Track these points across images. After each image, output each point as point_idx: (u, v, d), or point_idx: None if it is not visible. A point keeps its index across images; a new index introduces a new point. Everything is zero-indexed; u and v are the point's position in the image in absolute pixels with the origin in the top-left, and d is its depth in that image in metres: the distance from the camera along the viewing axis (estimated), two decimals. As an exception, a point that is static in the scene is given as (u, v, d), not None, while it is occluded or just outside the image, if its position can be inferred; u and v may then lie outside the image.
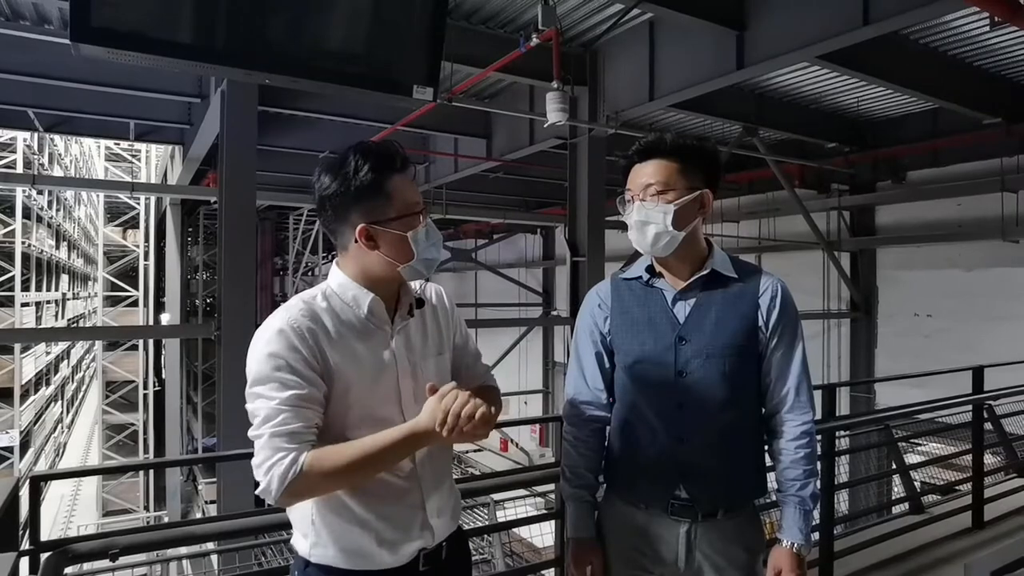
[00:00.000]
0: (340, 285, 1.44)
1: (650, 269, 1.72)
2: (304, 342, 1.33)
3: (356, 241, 1.39)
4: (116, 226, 19.29)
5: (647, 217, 1.62)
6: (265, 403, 1.30)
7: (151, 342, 16.85)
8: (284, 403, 1.29)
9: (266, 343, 1.33)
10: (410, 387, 1.44)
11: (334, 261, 1.50)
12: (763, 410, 1.71)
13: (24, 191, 14.89)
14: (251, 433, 1.32)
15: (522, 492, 6.09)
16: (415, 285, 1.53)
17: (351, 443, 1.32)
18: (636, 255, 1.75)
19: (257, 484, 1.30)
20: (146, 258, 17.30)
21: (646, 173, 1.64)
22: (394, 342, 1.45)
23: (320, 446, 1.31)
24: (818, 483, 1.66)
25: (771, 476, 1.74)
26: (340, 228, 1.41)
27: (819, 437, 3.43)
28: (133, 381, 17.00)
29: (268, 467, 1.27)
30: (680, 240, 1.62)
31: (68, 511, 17.18)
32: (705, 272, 1.66)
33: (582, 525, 1.75)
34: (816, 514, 1.70)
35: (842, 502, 4.46)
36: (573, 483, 1.76)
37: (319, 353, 1.35)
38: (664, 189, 1.62)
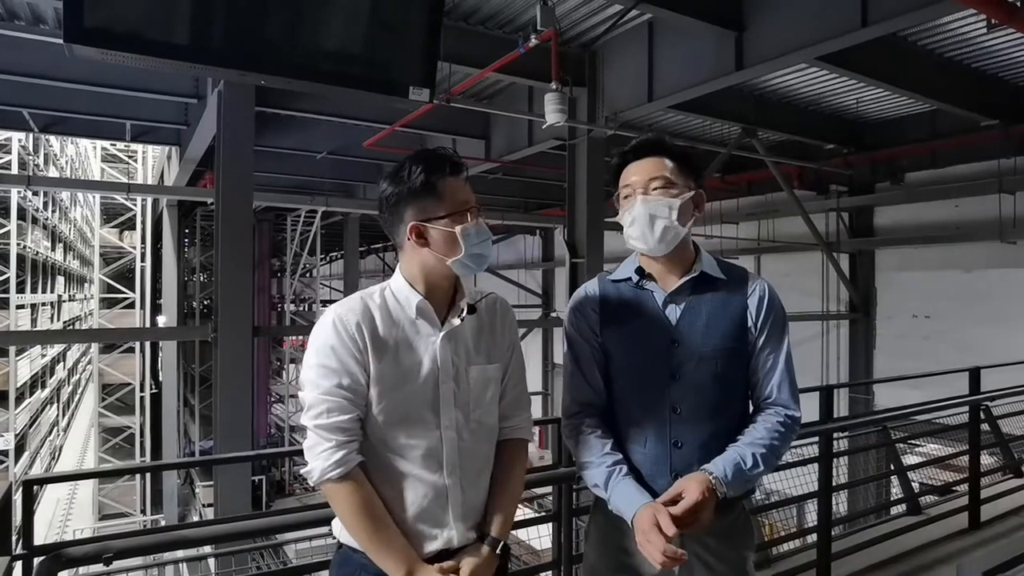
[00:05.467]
0: (397, 286, 1.51)
1: (639, 271, 1.69)
2: (351, 335, 1.42)
3: (409, 239, 1.46)
4: (112, 227, 19.26)
5: (655, 211, 1.60)
6: (311, 392, 1.41)
7: (148, 344, 16.79)
8: (327, 392, 1.39)
9: (318, 335, 1.44)
10: (451, 391, 1.48)
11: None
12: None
13: (19, 192, 14.78)
14: (301, 419, 1.45)
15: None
16: (469, 288, 1.56)
17: (380, 507, 1.41)
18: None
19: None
20: (143, 260, 17.23)
21: (649, 168, 1.64)
22: (440, 344, 1.47)
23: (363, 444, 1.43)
24: (765, 464, 1.55)
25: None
26: (396, 228, 1.49)
27: (817, 439, 3.43)
28: (129, 384, 16.92)
29: (315, 453, 1.39)
30: (682, 237, 1.62)
31: (64, 515, 17.09)
32: (695, 274, 1.65)
33: (633, 498, 1.53)
34: (753, 470, 1.53)
35: (840, 503, 4.46)
36: (606, 464, 1.59)
37: (364, 347, 1.42)
38: (669, 184, 1.62)
